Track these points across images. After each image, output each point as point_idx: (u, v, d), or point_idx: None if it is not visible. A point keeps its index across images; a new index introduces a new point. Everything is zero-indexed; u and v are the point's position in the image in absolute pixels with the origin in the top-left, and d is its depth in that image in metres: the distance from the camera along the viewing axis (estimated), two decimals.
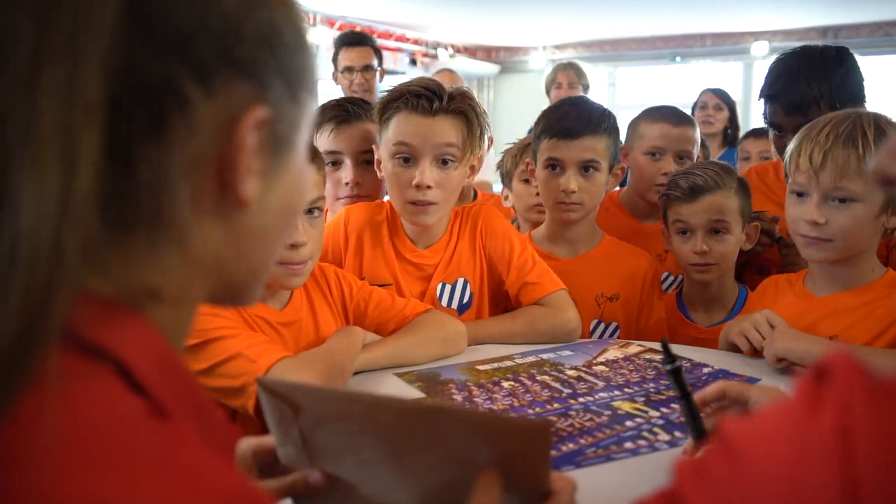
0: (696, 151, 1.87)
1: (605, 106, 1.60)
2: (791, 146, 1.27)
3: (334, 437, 0.59)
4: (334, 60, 3.04)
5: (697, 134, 1.88)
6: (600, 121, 1.49)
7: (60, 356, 0.33)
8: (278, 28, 0.41)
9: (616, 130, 1.54)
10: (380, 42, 6.66)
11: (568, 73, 3.37)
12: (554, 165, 1.49)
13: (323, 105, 1.61)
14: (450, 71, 3.48)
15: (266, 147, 0.42)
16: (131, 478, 0.31)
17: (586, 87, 3.39)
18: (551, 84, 3.40)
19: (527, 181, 1.75)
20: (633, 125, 1.91)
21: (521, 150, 1.81)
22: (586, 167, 1.48)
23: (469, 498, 0.53)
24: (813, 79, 1.56)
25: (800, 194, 1.24)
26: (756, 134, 2.27)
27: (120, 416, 0.34)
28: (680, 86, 7.18)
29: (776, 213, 1.58)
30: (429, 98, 1.31)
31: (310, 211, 1.14)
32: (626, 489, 0.65)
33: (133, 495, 0.31)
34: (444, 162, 1.33)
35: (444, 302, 1.42)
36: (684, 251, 1.51)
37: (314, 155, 1.16)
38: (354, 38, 3.04)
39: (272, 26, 0.41)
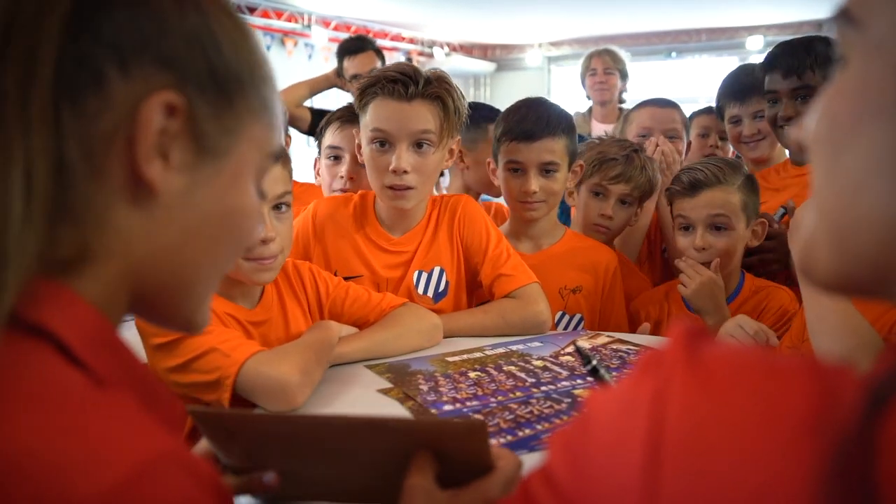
0: (686, 133, 2.04)
1: None
2: None
3: (274, 450, 0.63)
4: (339, 71, 3.08)
5: (684, 117, 2.07)
6: (558, 122, 1.54)
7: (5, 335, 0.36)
8: (215, 36, 0.46)
9: (573, 129, 1.60)
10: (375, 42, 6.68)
11: (603, 58, 3.14)
12: (515, 168, 1.55)
13: (338, 108, 1.76)
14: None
15: (186, 140, 0.44)
16: (70, 437, 0.35)
17: (624, 74, 3.16)
18: (585, 72, 3.19)
19: (596, 193, 1.71)
20: (625, 117, 2.12)
21: None
22: (546, 168, 1.53)
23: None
24: (809, 48, 1.70)
25: None
26: (711, 111, 2.30)
27: (58, 384, 0.37)
28: (675, 81, 7.19)
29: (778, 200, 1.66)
30: (404, 83, 1.34)
31: (277, 207, 1.16)
32: None
33: (70, 455, 0.34)
34: (420, 146, 1.36)
35: (421, 290, 1.45)
36: (685, 245, 1.53)
37: (279, 153, 1.18)
38: (354, 46, 3.03)
39: (207, 32, 0.45)
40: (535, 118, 1.53)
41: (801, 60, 1.68)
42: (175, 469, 0.36)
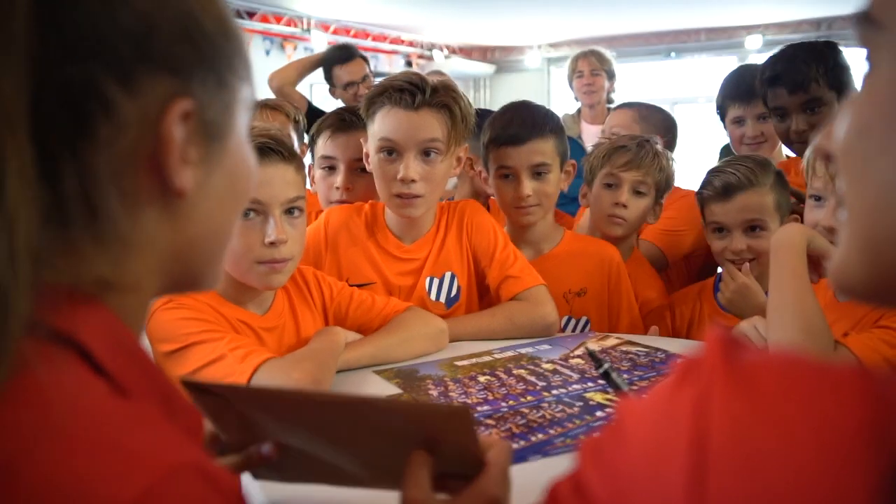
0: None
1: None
2: (808, 151, 1.30)
3: (268, 423, 0.62)
4: (328, 78, 3.08)
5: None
6: (545, 123, 1.53)
7: (30, 345, 0.35)
8: (197, 19, 0.42)
9: (561, 129, 1.58)
10: (375, 45, 6.69)
11: (589, 59, 3.12)
12: (506, 174, 1.53)
13: (326, 114, 1.72)
14: (439, 73, 3.50)
15: (198, 136, 0.43)
16: (93, 449, 0.34)
17: (611, 74, 3.13)
18: (572, 74, 3.17)
19: (609, 185, 1.65)
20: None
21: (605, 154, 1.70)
22: (538, 171, 1.51)
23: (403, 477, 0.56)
24: (811, 59, 1.67)
25: (817, 199, 1.25)
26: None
27: (83, 395, 0.37)
28: (675, 82, 7.19)
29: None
30: (411, 92, 1.33)
31: (289, 211, 1.15)
32: None
33: (94, 467, 0.33)
34: (428, 154, 1.35)
35: (433, 296, 1.45)
36: (718, 248, 1.50)
37: (291, 155, 1.17)
38: (344, 55, 3.07)
39: (190, 18, 0.42)
40: (521, 121, 1.52)
41: (804, 75, 1.65)
42: (197, 479, 0.35)
